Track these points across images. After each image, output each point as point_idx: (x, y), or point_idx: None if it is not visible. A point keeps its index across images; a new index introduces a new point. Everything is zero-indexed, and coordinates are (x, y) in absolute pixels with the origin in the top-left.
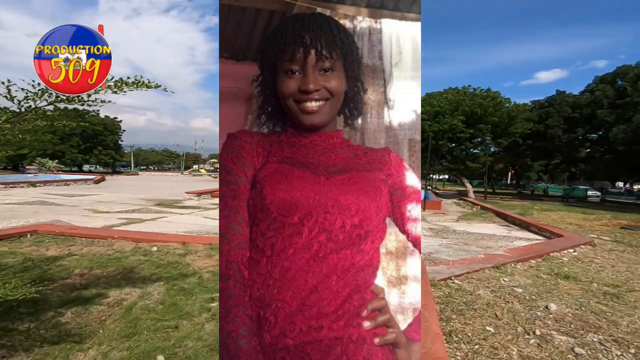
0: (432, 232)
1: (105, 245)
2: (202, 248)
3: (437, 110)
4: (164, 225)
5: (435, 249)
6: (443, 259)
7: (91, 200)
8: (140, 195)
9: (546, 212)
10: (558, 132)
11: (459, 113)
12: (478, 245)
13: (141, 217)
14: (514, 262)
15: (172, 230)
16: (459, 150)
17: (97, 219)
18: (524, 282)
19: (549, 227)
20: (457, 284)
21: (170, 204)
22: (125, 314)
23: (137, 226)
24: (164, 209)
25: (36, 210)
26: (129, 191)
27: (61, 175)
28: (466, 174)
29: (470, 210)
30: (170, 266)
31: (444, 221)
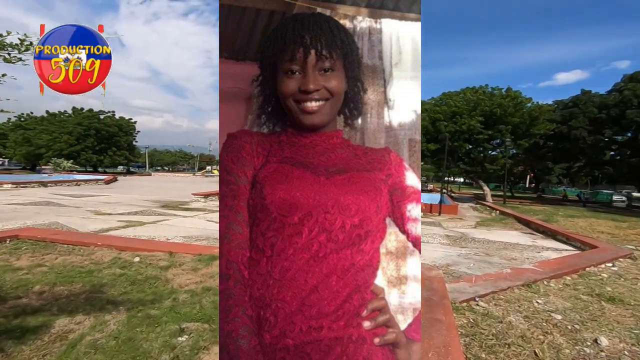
0: (449, 240)
1: (84, 254)
2: (189, 260)
3: (454, 111)
4: (163, 229)
5: (454, 260)
6: (463, 272)
7: (97, 201)
8: (147, 197)
9: (572, 218)
10: (583, 133)
11: (477, 113)
12: (501, 257)
13: (142, 219)
14: (546, 279)
15: (172, 234)
16: (477, 152)
17: (96, 222)
18: (561, 306)
19: (578, 236)
20: (483, 308)
21: (175, 205)
22: (63, 355)
23: (135, 230)
24: (168, 211)
25: (38, 211)
26: (138, 192)
27: (74, 176)
28: (483, 177)
29: (489, 216)
30: (146, 283)
31: (461, 227)
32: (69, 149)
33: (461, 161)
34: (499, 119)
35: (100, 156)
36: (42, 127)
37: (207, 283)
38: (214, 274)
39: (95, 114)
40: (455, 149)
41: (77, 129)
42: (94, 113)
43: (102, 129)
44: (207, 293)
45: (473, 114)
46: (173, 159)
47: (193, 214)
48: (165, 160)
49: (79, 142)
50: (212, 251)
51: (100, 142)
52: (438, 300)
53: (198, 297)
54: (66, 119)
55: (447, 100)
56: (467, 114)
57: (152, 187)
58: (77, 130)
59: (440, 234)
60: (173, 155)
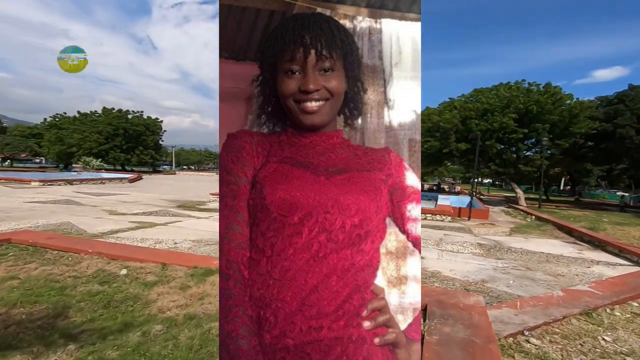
0: (482, 250)
1: (70, 263)
2: (182, 274)
3: (486, 108)
4: (174, 231)
5: (490, 275)
6: (502, 292)
7: (116, 200)
8: (166, 196)
9: (621, 226)
10: (630, 132)
11: (511, 111)
12: (545, 272)
13: (155, 220)
14: (608, 306)
15: (181, 237)
16: (509, 153)
17: (108, 222)
18: (637, 345)
19: (634, 249)
20: (535, 347)
21: (192, 205)
22: None
23: (144, 232)
24: (183, 212)
25: (54, 210)
26: (159, 191)
27: (102, 174)
28: (515, 179)
29: (523, 221)
30: (122, 305)
31: (494, 234)
32: (98, 147)
33: (492, 162)
34: (535, 116)
35: (127, 155)
36: (74, 126)
37: (193, 308)
38: (204, 294)
39: (124, 113)
40: (485, 148)
41: (106, 128)
42: (123, 113)
43: (130, 128)
44: (189, 324)
45: (506, 112)
46: (199, 158)
47: (208, 215)
48: (192, 159)
49: (108, 141)
50: (210, 263)
51: (128, 141)
52: (482, 344)
53: (176, 329)
54: (96, 118)
55: (478, 96)
56: (499, 112)
57: (174, 185)
58: (106, 129)
59: (471, 242)
60: (199, 155)
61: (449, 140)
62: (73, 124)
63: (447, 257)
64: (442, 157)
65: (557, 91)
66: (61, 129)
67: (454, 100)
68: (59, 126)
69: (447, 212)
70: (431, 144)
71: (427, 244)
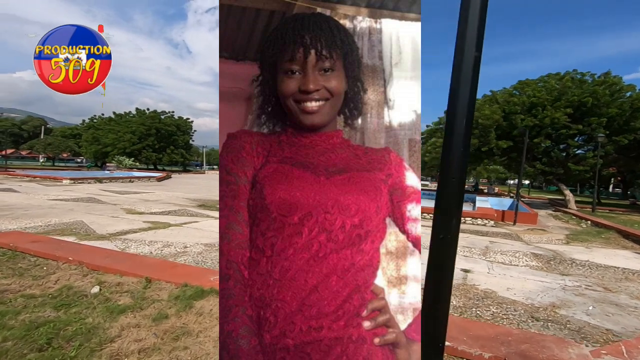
0: (540, 262)
1: (39, 274)
2: (165, 295)
3: (533, 102)
4: (187, 232)
5: (560, 297)
6: (584, 323)
7: (138, 198)
8: (190, 194)
9: None
10: None
11: (563, 104)
12: (631, 294)
13: (171, 220)
14: None
15: (194, 240)
16: (557, 151)
17: (121, 222)
18: None
19: None
20: None
21: (212, 204)
22: None
23: (155, 234)
24: (202, 212)
25: (73, 207)
26: (184, 189)
27: (133, 172)
28: (563, 180)
29: (578, 227)
30: (67, 347)
31: (548, 242)
32: (131, 147)
33: (537, 161)
34: (589, 110)
35: (159, 154)
36: (109, 127)
37: (159, 356)
38: (183, 331)
39: (157, 114)
40: (531, 146)
41: (139, 128)
42: (156, 113)
43: (162, 128)
44: None
45: (557, 105)
46: None
47: None
48: None
49: (141, 141)
50: (205, 279)
51: (160, 140)
52: None
53: None
54: (130, 119)
55: (524, 89)
56: (549, 105)
57: (200, 184)
58: (139, 129)
59: (524, 251)
60: None
61: (489, 137)
62: (108, 124)
63: (499, 271)
64: (481, 156)
65: (616, 81)
66: (97, 130)
67: (496, 93)
68: (95, 127)
69: (490, 216)
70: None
71: (472, 253)
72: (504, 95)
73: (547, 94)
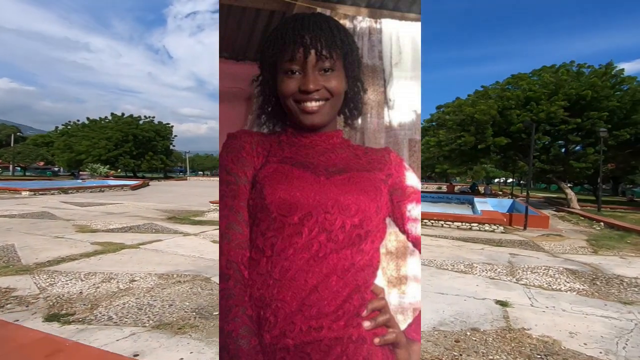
0: (584, 283)
1: None
2: None
3: (529, 96)
4: (141, 258)
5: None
6: None
7: (100, 211)
8: (163, 205)
9: None
10: None
11: (560, 97)
12: None
13: (127, 240)
14: None
15: (149, 268)
16: (557, 147)
17: (62, 245)
18: None
19: None
20: None
21: (185, 217)
22: None
23: (100, 260)
24: (171, 226)
25: (13, 226)
26: (158, 199)
27: (108, 181)
28: (563, 177)
29: (593, 230)
30: None
31: (573, 252)
32: (107, 154)
33: (535, 158)
34: (588, 104)
35: (137, 161)
36: (83, 133)
37: None
38: None
39: (134, 119)
40: (529, 143)
41: (116, 134)
42: (133, 119)
43: (139, 134)
44: None
45: (554, 99)
46: (213, 163)
47: (199, 230)
48: (206, 164)
49: (117, 148)
50: None
51: (138, 147)
52: None
53: None
54: (106, 125)
55: (519, 83)
56: (545, 99)
57: (178, 192)
58: (115, 135)
59: (556, 267)
60: (214, 160)
61: (486, 135)
62: (82, 130)
63: (544, 302)
64: (476, 155)
65: (618, 73)
66: (71, 137)
67: (488, 88)
68: (69, 134)
69: (499, 221)
70: (466, 139)
71: (497, 274)
72: (496, 90)
73: (543, 88)
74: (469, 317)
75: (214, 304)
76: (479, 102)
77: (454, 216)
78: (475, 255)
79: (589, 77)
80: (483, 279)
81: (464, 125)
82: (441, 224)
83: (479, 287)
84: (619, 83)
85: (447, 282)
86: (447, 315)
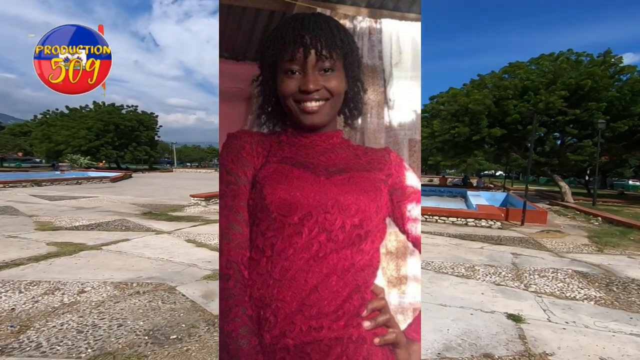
0: (599, 290)
1: None
2: None
3: (526, 85)
4: (100, 262)
5: None
6: None
7: (70, 206)
8: (141, 199)
9: None
10: None
11: (558, 87)
12: None
13: (90, 239)
14: None
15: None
16: (553, 139)
17: (12, 246)
18: None
19: None
20: None
21: (162, 212)
22: None
23: (50, 266)
24: (145, 222)
25: None
26: (138, 192)
27: (89, 173)
28: (558, 170)
29: (591, 225)
30: None
31: (576, 250)
32: (87, 145)
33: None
34: (587, 94)
35: (120, 152)
36: (62, 123)
37: None
38: None
39: (115, 108)
40: (524, 134)
41: (97, 124)
42: (114, 108)
43: (122, 123)
44: None
45: (552, 89)
46: (201, 154)
47: (174, 228)
48: (194, 156)
49: (98, 138)
50: None
51: (120, 137)
52: None
53: None
54: (86, 114)
55: (516, 72)
56: (543, 89)
57: (161, 185)
58: (96, 125)
59: (564, 269)
60: (202, 151)
61: (480, 126)
62: (61, 120)
63: (562, 315)
64: (470, 146)
65: (618, 61)
66: (50, 126)
67: (485, 77)
68: (48, 123)
69: (496, 216)
70: (460, 130)
71: (503, 278)
72: (492, 80)
73: (541, 77)
74: (478, 337)
75: (174, 323)
76: (474, 92)
77: (450, 211)
78: (475, 256)
79: (587, 66)
80: (488, 285)
81: (458, 115)
82: (435, 219)
83: (485, 296)
84: (618, 72)
85: (448, 290)
86: (452, 335)
